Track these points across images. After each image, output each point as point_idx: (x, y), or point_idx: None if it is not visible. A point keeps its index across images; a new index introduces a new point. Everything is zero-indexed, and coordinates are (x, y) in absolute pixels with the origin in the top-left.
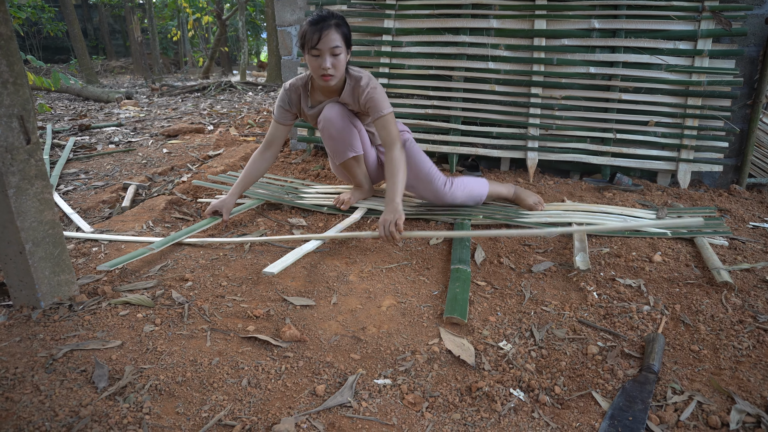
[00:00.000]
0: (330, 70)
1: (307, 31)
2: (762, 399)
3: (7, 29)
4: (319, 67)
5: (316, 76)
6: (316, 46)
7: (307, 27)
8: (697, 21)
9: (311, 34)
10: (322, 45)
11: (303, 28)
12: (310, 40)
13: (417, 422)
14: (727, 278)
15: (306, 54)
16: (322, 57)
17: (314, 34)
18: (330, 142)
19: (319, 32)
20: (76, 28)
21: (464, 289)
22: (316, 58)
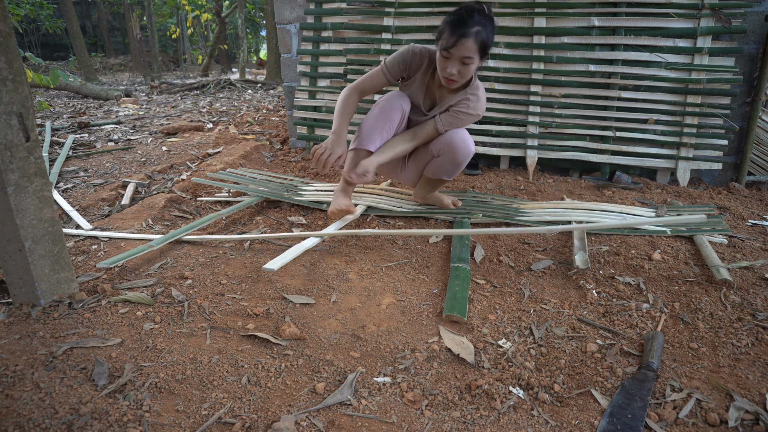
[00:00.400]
0: (455, 77)
1: (446, 31)
2: (760, 396)
3: (6, 26)
4: (444, 69)
5: (440, 73)
6: (449, 49)
7: (447, 27)
8: (696, 18)
9: (449, 36)
10: (455, 51)
11: (443, 25)
12: (446, 41)
13: (416, 420)
14: (726, 276)
15: (438, 49)
16: (451, 61)
17: (451, 37)
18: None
19: (456, 38)
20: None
21: (464, 287)
22: (445, 59)
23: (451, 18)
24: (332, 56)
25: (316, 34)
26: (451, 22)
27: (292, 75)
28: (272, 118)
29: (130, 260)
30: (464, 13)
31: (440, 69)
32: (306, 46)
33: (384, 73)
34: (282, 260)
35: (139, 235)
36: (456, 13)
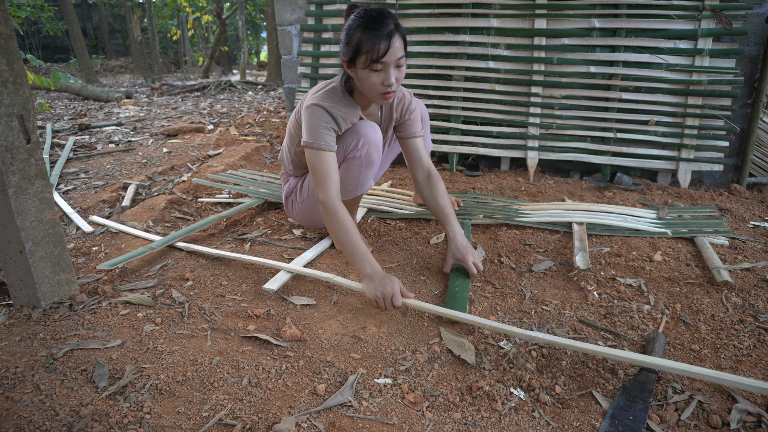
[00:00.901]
0: (394, 86)
1: (366, 39)
2: (762, 398)
3: (7, 28)
4: (381, 83)
5: (373, 94)
6: (381, 59)
7: (363, 34)
8: (697, 20)
9: (372, 45)
10: (388, 57)
11: (355, 34)
12: (373, 51)
13: (417, 421)
14: (727, 278)
15: (359, 67)
16: (386, 71)
17: (380, 43)
18: (365, 170)
19: (387, 41)
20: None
21: (464, 287)
22: (378, 72)
23: (363, 26)
24: (333, 58)
25: (317, 36)
26: (367, 28)
27: (292, 76)
28: (273, 120)
29: (131, 262)
30: (374, 15)
31: (373, 87)
32: (306, 48)
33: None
34: (281, 279)
35: (143, 233)
36: (364, 19)
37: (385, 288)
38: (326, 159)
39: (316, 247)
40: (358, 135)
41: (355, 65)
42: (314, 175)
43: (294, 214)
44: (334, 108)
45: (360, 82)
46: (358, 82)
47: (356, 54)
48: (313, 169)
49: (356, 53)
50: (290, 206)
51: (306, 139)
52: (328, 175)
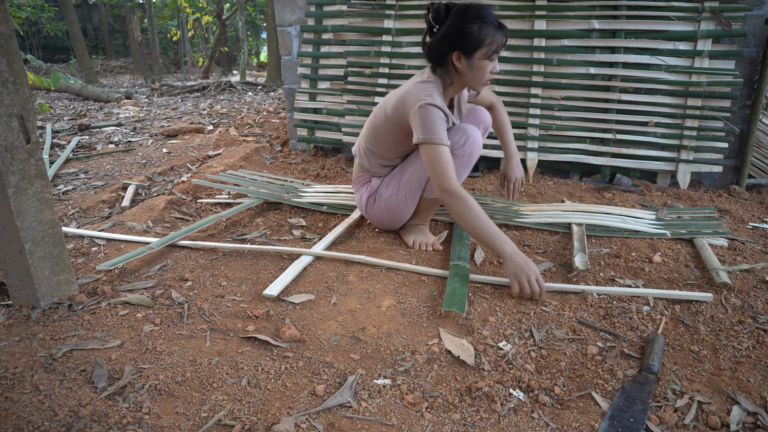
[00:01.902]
0: (497, 72)
1: (489, 32)
2: (762, 399)
3: (7, 28)
4: (490, 72)
5: (478, 82)
6: (502, 48)
7: (486, 31)
8: (696, 22)
9: (499, 37)
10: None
11: (487, 28)
12: (497, 43)
13: (417, 422)
14: (725, 279)
15: (478, 57)
16: (495, 61)
17: (500, 35)
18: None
19: (504, 35)
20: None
21: (463, 284)
22: (491, 61)
23: (485, 20)
24: (333, 58)
25: (317, 37)
26: (489, 24)
27: (292, 77)
28: (273, 120)
29: (130, 262)
30: (486, 11)
31: (483, 75)
32: (306, 49)
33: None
34: (281, 283)
35: (137, 237)
36: (482, 14)
37: (531, 269)
38: (446, 152)
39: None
40: (465, 134)
41: (473, 56)
42: (436, 168)
43: (374, 213)
44: (443, 106)
45: (471, 72)
46: (466, 73)
47: (479, 45)
48: (434, 163)
49: (479, 45)
50: (371, 206)
51: (424, 137)
52: (449, 167)
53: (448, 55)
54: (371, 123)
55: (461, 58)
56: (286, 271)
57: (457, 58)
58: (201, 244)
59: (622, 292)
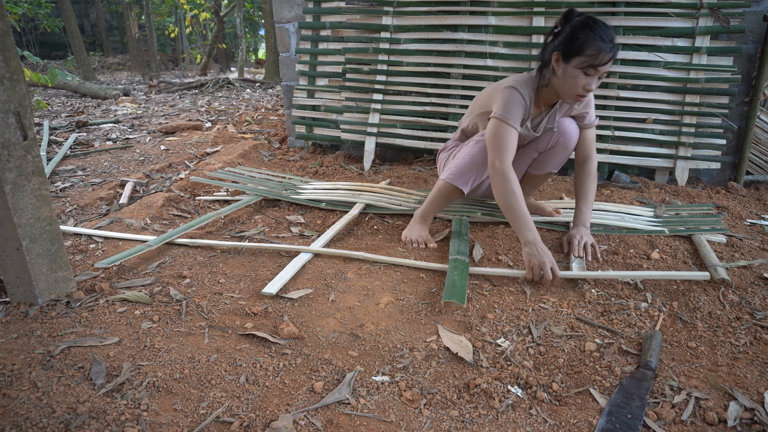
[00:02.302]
0: (590, 93)
1: (594, 44)
2: (758, 395)
3: (4, 25)
4: (582, 87)
5: (567, 94)
6: (601, 65)
7: (600, 42)
8: (695, 18)
9: (604, 52)
10: (604, 67)
11: (593, 39)
12: (599, 57)
13: (415, 419)
14: (723, 276)
15: (573, 65)
16: (593, 77)
17: (608, 54)
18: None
19: (611, 53)
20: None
21: (463, 276)
22: (587, 76)
23: (595, 31)
24: (331, 55)
25: (315, 33)
26: (598, 36)
27: (290, 74)
28: (271, 117)
29: (128, 259)
30: (607, 29)
31: (574, 87)
32: (305, 45)
33: (515, 128)
34: (280, 281)
35: (135, 235)
36: (595, 26)
37: (544, 257)
38: (511, 133)
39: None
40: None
41: (569, 62)
42: (495, 144)
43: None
44: (527, 96)
45: (563, 79)
46: (559, 78)
47: (578, 52)
48: (496, 139)
49: (578, 52)
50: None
51: (498, 113)
52: (507, 148)
53: (551, 53)
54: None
55: (559, 60)
56: (285, 269)
57: (556, 58)
58: (199, 242)
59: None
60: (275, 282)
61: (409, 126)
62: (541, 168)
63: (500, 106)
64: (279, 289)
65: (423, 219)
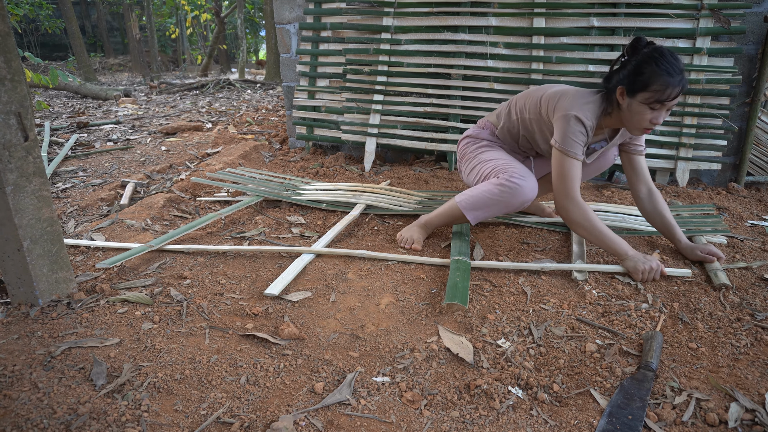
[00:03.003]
0: (658, 125)
1: (667, 82)
2: (759, 396)
3: (5, 26)
4: (648, 121)
5: (634, 127)
6: (668, 101)
7: (667, 77)
8: (696, 19)
9: (671, 88)
10: (671, 102)
11: (659, 75)
12: (665, 93)
13: (415, 420)
14: (724, 280)
15: (638, 100)
16: (661, 111)
17: (675, 88)
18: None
19: (678, 89)
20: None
21: (464, 278)
22: (653, 110)
23: (661, 66)
24: (331, 56)
25: (316, 34)
26: (664, 71)
27: (291, 75)
28: (271, 118)
29: (129, 260)
30: (671, 58)
31: (641, 121)
32: (305, 46)
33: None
34: (282, 282)
35: (128, 244)
36: (662, 59)
37: (652, 262)
38: (576, 166)
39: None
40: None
41: (634, 97)
42: (562, 178)
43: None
44: (590, 123)
45: (628, 113)
46: (625, 112)
47: (643, 88)
48: (562, 173)
49: (643, 88)
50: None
51: (561, 145)
52: (575, 180)
53: (616, 86)
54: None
55: (624, 94)
56: (287, 270)
57: (621, 93)
58: (195, 248)
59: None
60: (277, 283)
61: (410, 127)
62: None
63: (562, 135)
64: (281, 290)
65: (424, 227)
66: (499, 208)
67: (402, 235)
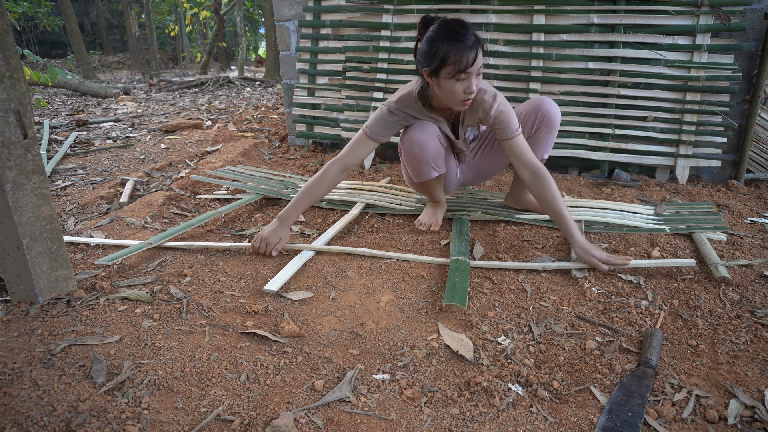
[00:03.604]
0: (473, 92)
1: (453, 51)
2: (759, 393)
3: (3, 23)
4: (462, 92)
5: (453, 102)
6: (468, 68)
7: (450, 46)
8: (696, 16)
9: (461, 54)
10: (473, 67)
11: (441, 46)
12: (461, 62)
13: (416, 417)
14: (724, 274)
15: (443, 77)
16: (468, 79)
17: (467, 54)
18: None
19: (474, 52)
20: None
21: (463, 278)
22: (461, 81)
23: (448, 38)
24: (331, 54)
25: (315, 32)
26: (452, 42)
27: (290, 72)
28: (271, 116)
29: (129, 258)
30: (456, 26)
31: (454, 94)
32: (305, 44)
33: (372, 138)
34: (282, 279)
35: (128, 241)
36: (448, 31)
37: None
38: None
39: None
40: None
41: (439, 75)
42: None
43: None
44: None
45: (441, 91)
46: (438, 91)
47: (442, 65)
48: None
49: (442, 64)
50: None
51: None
52: (347, 151)
53: (420, 70)
54: None
55: (430, 76)
56: (287, 266)
57: (427, 75)
58: (195, 245)
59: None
60: (277, 279)
61: None
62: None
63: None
64: (280, 286)
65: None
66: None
67: (420, 220)
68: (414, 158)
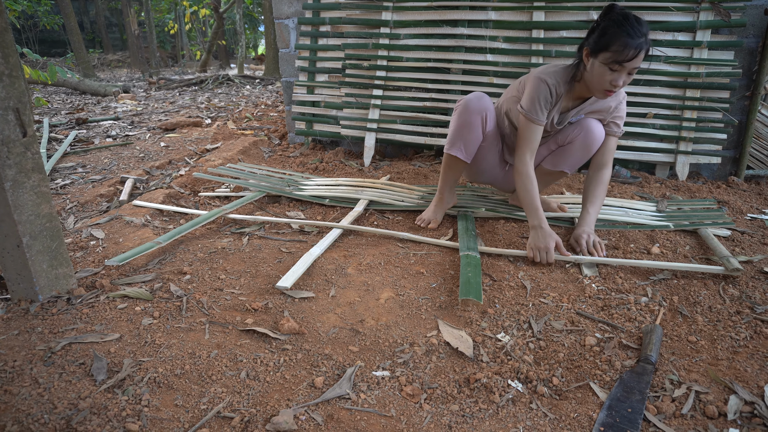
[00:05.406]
0: (618, 88)
1: (626, 43)
2: (758, 389)
3: (3, 21)
4: (609, 82)
5: (597, 88)
6: (625, 62)
7: (626, 38)
8: (696, 12)
9: (629, 48)
10: (630, 63)
11: (619, 35)
12: (623, 53)
13: (415, 413)
14: (737, 265)
15: (599, 60)
16: (620, 73)
17: (633, 49)
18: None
19: (635, 50)
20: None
21: (476, 272)
22: (613, 72)
23: (622, 27)
24: (331, 51)
25: (315, 29)
26: (624, 33)
27: (290, 70)
28: (271, 114)
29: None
30: (635, 22)
31: (601, 82)
32: (304, 41)
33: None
34: (294, 275)
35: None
36: (624, 22)
37: (546, 242)
38: (536, 131)
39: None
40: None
41: (597, 57)
42: (522, 141)
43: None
44: (558, 87)
45: (591, 75)
46: (588, 73)
47: (604, 48)
48: (522, 135)
49: (605, 48)
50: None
51: (524, 108)
52: (530, 144)
53: (582, 47)
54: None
55: (588, 55)
56: (298, 263)
57: (586, 53)
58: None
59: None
60: (289, 276)
61: (409, 121)
62: (555, 164)
63: (526, 99)
64: (293, 283)
65: (440, 197)
66: (463, 129)
67: (422, 216)
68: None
